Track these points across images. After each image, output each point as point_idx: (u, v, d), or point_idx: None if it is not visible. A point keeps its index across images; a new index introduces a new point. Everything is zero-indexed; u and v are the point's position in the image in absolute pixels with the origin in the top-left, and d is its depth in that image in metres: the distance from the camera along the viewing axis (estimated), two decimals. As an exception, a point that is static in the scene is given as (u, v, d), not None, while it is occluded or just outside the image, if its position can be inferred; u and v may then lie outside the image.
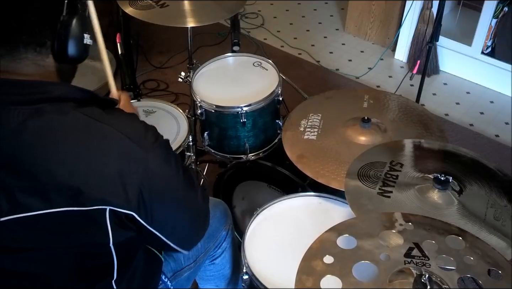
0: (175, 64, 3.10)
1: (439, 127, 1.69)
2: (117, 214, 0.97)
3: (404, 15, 3.09)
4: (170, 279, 1.43)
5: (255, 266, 1.33)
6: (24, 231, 0.97)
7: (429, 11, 2.94)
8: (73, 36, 1.01)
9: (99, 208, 0.95)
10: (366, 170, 1.34)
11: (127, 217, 0.99)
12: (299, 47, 3.37)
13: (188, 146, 1.81)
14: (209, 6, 1.89)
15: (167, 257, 1.41)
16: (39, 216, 0.94)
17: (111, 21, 2.59)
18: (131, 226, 1.02)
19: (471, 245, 1.02)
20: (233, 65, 1.95)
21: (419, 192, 1.27)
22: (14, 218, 0.94)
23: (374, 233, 1.04)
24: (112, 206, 0.96)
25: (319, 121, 1.70)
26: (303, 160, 1.56)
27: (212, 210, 1.53)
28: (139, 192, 0.98)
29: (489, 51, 2.99)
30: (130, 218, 1.00)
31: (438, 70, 3.14)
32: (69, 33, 1.00)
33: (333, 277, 0.96)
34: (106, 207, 0.96)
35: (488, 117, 2.85)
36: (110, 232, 0.99)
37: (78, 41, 1.02)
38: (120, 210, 0.97)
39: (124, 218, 0.99)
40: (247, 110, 1.72)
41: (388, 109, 1.78)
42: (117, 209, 0.97)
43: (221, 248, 1.59)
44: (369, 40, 3.43)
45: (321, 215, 1.48)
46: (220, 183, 1.99)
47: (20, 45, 0.97)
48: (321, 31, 3.55)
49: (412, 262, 0.98)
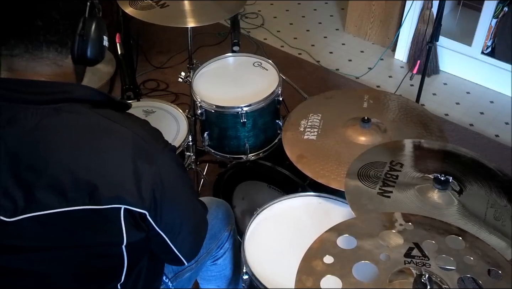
0: (175, 64, 3.10)
1: (439, 127, 1.69)
2: (132, 213, 0.98)
3: (404, 15, 3.09)
4: (171, 279, 1.43)
5: (255, 266, 1.33)
6: (39, 230, 0.97)
7: (429, 11, 2.94)
8: (94, 38, 1.02)
9: (114, 206, 0.96)
10: (366, 170, 1.34)
11: (141, 216, 1.00)
12: (299, 47, 3.37)
13: (188, 145, 1.81)
14: (209, 6, 1.89)
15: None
16: (54, 214, 0.95)
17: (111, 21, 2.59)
18: (144, 226, 1.03)
19: (471, 245, 1.02)
20: (233, 65, 1.96)
21: (419, 192, 1.27)
22: (30, 216, 0.94)
23: (374, 233, 1.04)
24: (126, 204, 0.97)
25: (319, 121, 1.70)
26: (303, 160, 1.56)
27: (214, 211, 1.54)
28: (152, 191, 0.99)
29: (489, 51, 2.99)
30: (143, 217, 1.01)
31: (438, 70, 3.14)
32: (91, 34, 1.01)
33: (333, 277, 0.96)
34: (121, 206, 0.97)
35: (488, 117, 2.85)
36: (124, 232, 1.00)
37: (98, 43, 1.03)
38: (135, 209, 0.98)
39: (138, 217, 1.00)
40: (247, 110, 1.72)
41: (388, 109, 1.78)
42: (131, 208, 0.97)
43: (223, 249, 1.59)
44: (369, 40, 3.43)
45: (321, 215, 1.48)
46: (220, 183, 1.99)
47: (44, 44, 0.97)
48: (321, 31, 3.55)
49: (412, 262, 0.98)
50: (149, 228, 1.04)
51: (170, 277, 1.43)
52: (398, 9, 3.15)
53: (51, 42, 0.98)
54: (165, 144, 1.05)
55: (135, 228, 1.01)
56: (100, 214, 0.96)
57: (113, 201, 0.96)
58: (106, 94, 1.06)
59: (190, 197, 1.15)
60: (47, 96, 0.96)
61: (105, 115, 0.99)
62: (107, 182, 0.95)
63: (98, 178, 0.95)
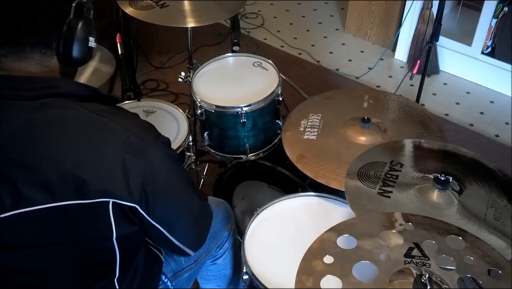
0: (175, 64, 3.10)
1: (439, 127, 1.68)
2: (121, 207, 0.98)
3: (404, 15, 3.09)
4: (170, 279, 1.43)
5: (255, 266, 1.33)
6: (27, 226, 0.97)
7: (429, 11, 2.94)
8: (78, 39, 1.02)
9: (102, 200, 0.96)
10: (366, 170, 1.34)
11: (131, 210, 1.00)
12: (299, 47, 3.37)
13: (188, 145, 1.81)
14: (209, 6, 1.89)
15: (168, 257, 1.41)
16: (42, 210, 0.95)
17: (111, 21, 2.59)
18: (135, 220, 1.03)
19: (471, 245, 1.02)
20: (233, 65, 1.95)
21: (419, 192, 1.27)
22: (17, 213, 0.95)
23: (374, 233, 1.04)
24: (115, 198, 0.97)
25: (319, 121, 1.70)
26: (303, 160, 1.56)
27: (214, 210, 1.54)
28: (142, 185, 0.99)
29: (489, 51, 2.99)
30: (134, 210, 1.01)
31: (438, 70, 3.14)
32: (75, 36, 1.01)
33: (333, 277, 0.96)
34: (109, 200, 0.97)
35: (488, 117, 2.85)
36: (113, 225, 1.00)
37: (83, 44, 1.03)
38: (123, 203, 0.98)
39: (128, 211, 1.00)
40: (247, 110, 1.72)
41: (388, 109, 1.78)
42: (120, 202, 0.97)
43: (223, 248, 1.59)
44: (369, 40, 3.42)
45: (321, 215, 1.48)
46: (220, 183, 1.99)
47: (27, 45, 0.98)
48: (321, 31, 3.55)
49: (412, 262, 0.98)
50: (143, 221, 1.04)
51: (169, 277, 1.43)
52: (398, 9, 3.15)
53: (34, 43, 0.98)
54: (157, 136, 1.05)
55: (125, 222, 1.01)
56: (88, 208, 0.96)
57: (101, 195, 0.96)
58: (93, 88, 1.06)
59: (185, 188, 1.14)
60: (33, 92, 0.96)
61: (92, 110, 0.99)
62: (94, 176, 0.95)
63: (85, 172, 0.95)
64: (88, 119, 0.98)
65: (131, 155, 0.98)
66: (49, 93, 0.97)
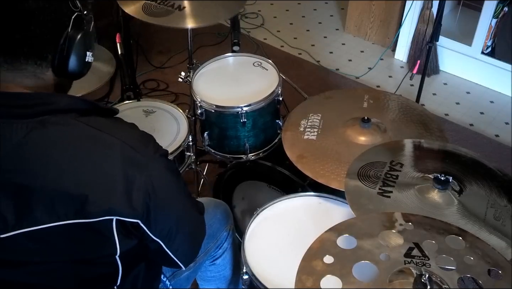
0: (175, 64, 3.10)
1: (439, 127, 1.68)
2: (123, 223, 0.98)
3: (404, 15, 3.09)
4: (169, 278, 1.43)
5: (255, 266, 1.33)
6: (30, 245, 0.96)
7: (429, 11, 2.94)
8: (76, 53, 1.01)
9: (105, 218, 0.95)
10: (366, 170, 1.34)
11: (133, 225, 1.00)
12: (299, 47, 3.37)
13: (188, 145, 1.81)
14: (209, 7, 1.89)
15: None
16: (45, 230, 0.94)
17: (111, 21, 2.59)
18: (136, 233, 1.02)
19: (471, 245, 1.02)
20: (233, 65, 1.95)
21: (419, 192, 1.27)
22: (21, 232, 0.94)
23: (374, 233, 1.04)
24: (118, 215, 0.96)
25: (319, 121, 1.70)
26: (303, 160, 1.56)
27: (213, 211, 1.54)
28: (144, 199, 0.98)
29: (489, 51, 2.99)
30: (135, 226, 1.00)
31: (438, 70, 3.14)
32: (72, 49, 1.00)
33: (333, 277, 0.96)
34: (113, 218, 0.96)
35: (488, 117, 2.85)
36: (117, 243, 0.99)
37: (80, 58, 1.02)
38: (127, 219, 0.97)
39: (130, 227, 0.99)
40: (247, 110, 1.72)
41: (388, 109, 1.78)
42: (123, 219, 0.97)
43: (222, 249, 1.59)
44: (369, 40, 3.42)
45: (321, 215, 1.48)
46: (220, 183, 1.99)
47: (21, 57, 0.96)
48: (321, 31, 3.55)
49: (412, 262, 0.98)
50: (144, 235, 1.03)
51: (168, 276, 1.43)
52: (398, 9, 3.15)
53: (29, 55, 0.97)
54: (156, 149, 1.04)
55: (127, 237, 1.01)
56: (91, 227, 0.95)
57: (104, 213, 0.95)
58: (91, 102, 1.04)
59: (184, 201, 1.14)
60: (31, 109, 0.95)
61: (92, 125, 0.98)
62: (97, 195, 0.94)
63: (87, 191, 0.94)
64: (87, 135, 0.97)
65: (132, 170, 0.97)
66: (47, 109, 0.96)
